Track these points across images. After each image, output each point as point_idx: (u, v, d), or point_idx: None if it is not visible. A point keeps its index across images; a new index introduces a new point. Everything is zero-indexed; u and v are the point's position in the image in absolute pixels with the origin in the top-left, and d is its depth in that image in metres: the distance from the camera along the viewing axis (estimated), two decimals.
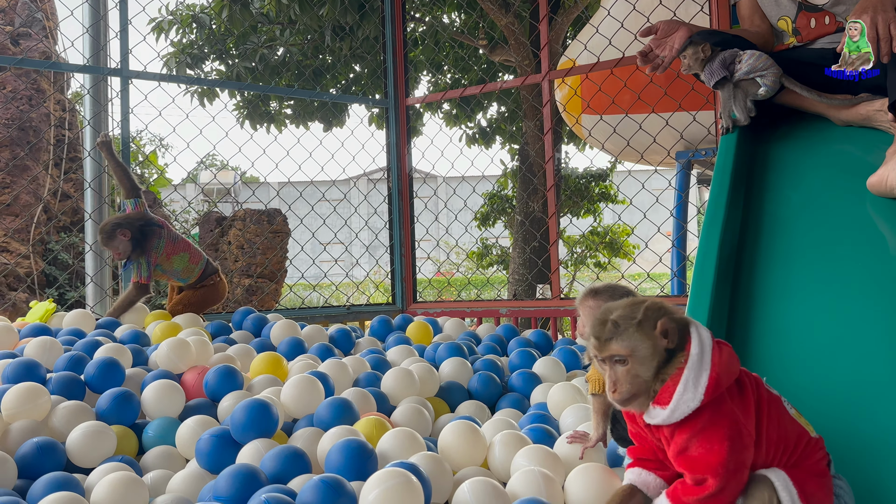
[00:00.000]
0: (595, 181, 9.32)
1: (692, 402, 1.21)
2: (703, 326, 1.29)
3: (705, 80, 2.54)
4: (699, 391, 1.21)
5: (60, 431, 1.94)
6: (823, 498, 1.26)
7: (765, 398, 1.28)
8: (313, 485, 1.40)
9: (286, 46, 7.57)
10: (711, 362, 1.23)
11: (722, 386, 1.22)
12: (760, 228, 2.43)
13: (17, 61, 3.14)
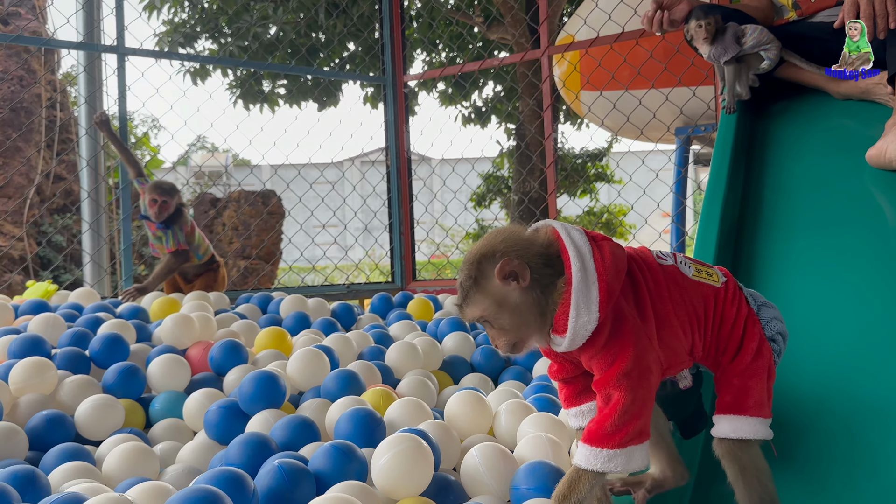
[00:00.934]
0: (591, 161, 9.32)
1: (590, 324, 1.12)
2: (574, 230, 1.18)
3: (714, 54, 2.51)
4: (593, 310, 1.11)
5: (68, 405, 1.95)
6: (762, 378, 1.25)
7: (661, 281, 1.20)
8: (325, 450, 1.42)
9: (279, 25, 7.50)
10: (597, 273, 1.13)
11: (614, 294, 1.13)
12: (761, 202, 2.44)
13: (13, 38, 3.11)
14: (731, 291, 1.26)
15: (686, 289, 1.22)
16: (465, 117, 8.89)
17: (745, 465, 1.24)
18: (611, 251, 1.15)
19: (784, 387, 1.85)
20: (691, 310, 1.21)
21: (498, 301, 1.14)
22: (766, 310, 1.29)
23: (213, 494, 1.13)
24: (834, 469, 1.66)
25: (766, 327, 1.27)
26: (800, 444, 1.73)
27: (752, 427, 1.24)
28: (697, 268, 1.26)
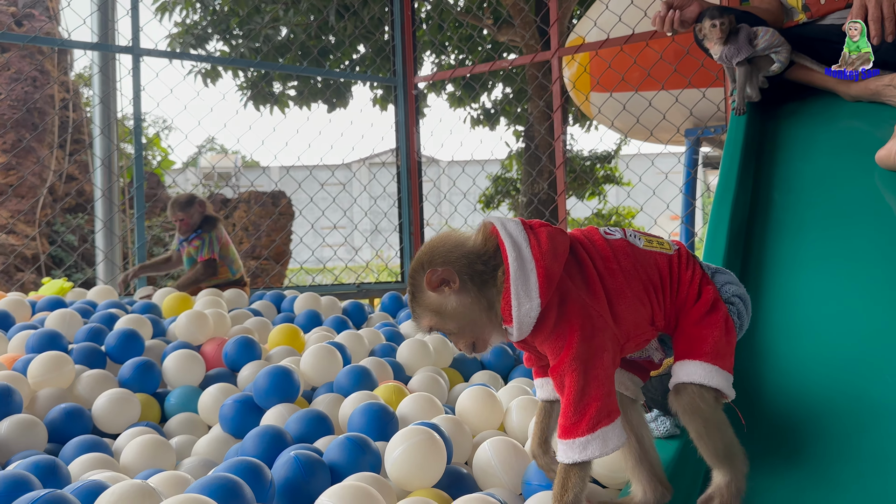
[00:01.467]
0: (600, 163, 9.33)
1: (532, 310, 1.12)
2: (510, 222, 1.19)
3: (727, 55, 2.52)
4: (533, 296, 1.11)
5: (85, 398, 1.98)
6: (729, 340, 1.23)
7: (609, 256, 1.20)
8: (339, 443, 1.44)
9: (290, 27, 7.56)
10: (534, 260, 1.13)
11: (554, 278, 1.13)
12: (770, 202, 2.45)
13: (31, 38, 3.16)
14: (685, 257, 1.26)
15: (638, 258, 1.22)
16: (473, 119, 8.91)
17: (706, 417, 1.20)
18: (548, 236, 1.16)
19: (794, 384, 1.87)
20: (645, 277, 1.21)
21: (437, 310, 1.15)
22: (720, 275, 1.29)
23: (233, 482, 1.15)
24: (845, 467, 1.67)
25: (722, 290, 1.25)
26: (811, 441, 1.74)
27: (707, 372, 1.19)
28: (648, 239, 1.26)
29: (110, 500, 1.10)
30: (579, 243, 1.21)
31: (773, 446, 1.76)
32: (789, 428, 1.79)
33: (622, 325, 1.17)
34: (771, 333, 2.05)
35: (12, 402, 1.80)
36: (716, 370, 1.20)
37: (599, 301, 1.15)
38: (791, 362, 1.95)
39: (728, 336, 1.22)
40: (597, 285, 1.16)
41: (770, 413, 1.84)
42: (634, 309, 1.18)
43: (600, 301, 1.15)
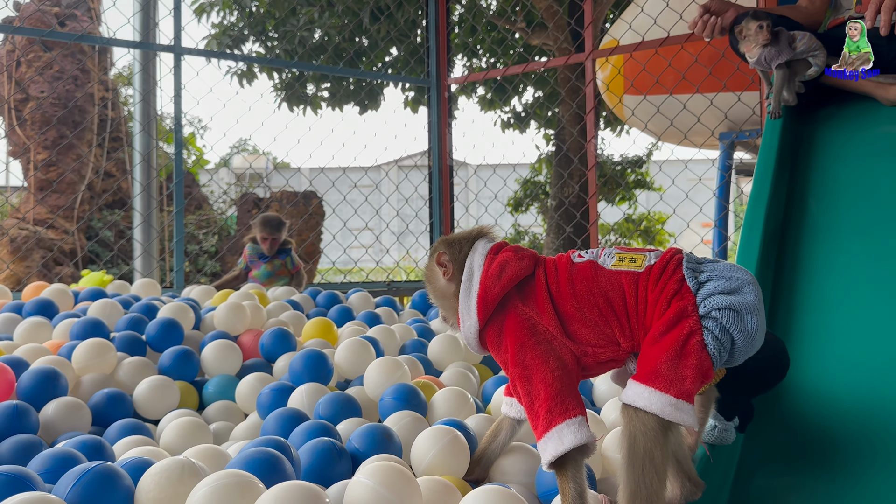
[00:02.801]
0: (631, 168, 9.29)
1: (472, 326, 1.24)
2: (483, 245, 1.30)
3: (767, 57, 2.51)
4: (472, 315, 1.23)
5: (126, 384, 2.04)
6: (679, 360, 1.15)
7: (565, 281, 1.24)
8: (363, 431, 1.47)
9: (324, 29, 7.65)
10: (479, 283, 1.23)
11: (491, 301, 1.22)
12: (805, 206, 2.44)
13: (77, 37, 3.25)
14: (657, 274, 1.21)
15: (598, 281, 1.23)
16: (504, 122, 8.93)
17: (633, 443, 1.13)
18: (500, 262, 1.25)
19: (827, 386, 1.86)
20: (603, 301, 1.21)
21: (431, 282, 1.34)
22: (713, 283, 1.19)
23: (272, 456, 1.19)
24: (880, 471, 1.66)
25: (703, 304, 1.17)
26: (843, 444, 1.73)
27: (642, 395, 1.13)
28: (622, 256, 1.25)
29: (156, 474, 1.15)
30: (544, 268, 1.27)
31: (806, 448, 1.76)
32: (821, 430, 1.79)
33: (577, 342, 1.21)
34: (805, 334, 2.05)
35: (58, 386, 1.86)
36: (650, 392, 1.13)
37: (547, 319, 1.22)
38: (825, 365, 1.94)
39: (683, 359, 1.14)
40: (546, 306, 1.22)
41: (802, 414, 1.84)
42: (588, 328, 1.21)
43: (548, 319, 1.22)
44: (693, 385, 1.13)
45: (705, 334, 1.15)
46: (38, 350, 2.11)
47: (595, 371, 1.27)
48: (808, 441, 1.78)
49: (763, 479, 1.69)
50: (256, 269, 3.81)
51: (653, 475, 1.11)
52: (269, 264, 3.85)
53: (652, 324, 1.18)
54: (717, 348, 1.15)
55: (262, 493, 1.05)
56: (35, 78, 6.85)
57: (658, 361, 1.14)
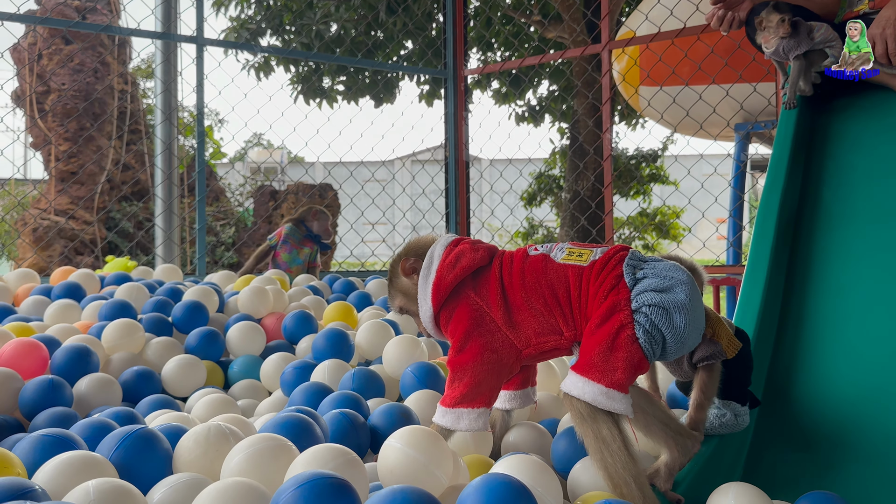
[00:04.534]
0: (646, 162, 9.29)
1: (427, 311, 1.35)
2: (445, 238, 1.41)
3: (786, 48, 2.52)
4: (428, 300, 1.34)
5: (154, 363, 2.10)
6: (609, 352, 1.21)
7: (517, 273, 1.32)
8: (384, 410, 1.53)
9: (340, 22, 7.70)
10: (436, 271, 1.35)
11: (444, 288, 1.33)
12: (820, 194, 2.47)
13: (102, 28, 3.32)
14: (599, 268, 1.27)
15: (546, 272, 1.31)
16: (518, 115, 8.95)
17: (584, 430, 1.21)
18: (456, 253, 1.36)
19: (842, 372, 1.89)
20: (549, 292, 1.29)
21: (405, 292, 1.42)
22: (648, 280, 1.25)
23: (303, 420, 1.25)
24: (891, 450, 1.69)
25: (636, 298, 1.23)
26: (858, 425, 1.76)
27: (577, 385, 1.21)
28: (571, 251, 1.34)
29: (194, 438, 1.20)
30: (500, 260, 1.37)
31: (819, 428, 1.79)
32: (834, 412, 1.82)
33: (521, 331, 1.31)
34: (819, 320, 2.08)
35: (90, 362, 1.92)
36: (584, 382, 1.20)
37: (496, 310, 1.31)
38: (839, 350, 1.97)
39: (614, 351, 1.20)
40: (497, 297, 1.32)
41: (816, 397, 1.87)
42: (533, 317, 1.30)
43: (497, 310, 1.31)
44: (624, 376, 1.20)
45: (636, 328, 1.20)
46: (69, 330, 2.18)
47: (539, 360, 1.39)
48: (821, 422, 1.81)
49: (775, 457, 1.73)
50: (287, 251, 3.88)
51: (613, 452, 1.19)
52: (301, 251, 3.91)
53: (591, 315, 1.26)
54: (648, 342, 1.21)
55: (297, 455, 1.10)
56: (56, 70, 6.95)
57: (592, 353, 1.22)
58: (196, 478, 1.07)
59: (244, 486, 0.95)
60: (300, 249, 3.93)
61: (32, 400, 1.68)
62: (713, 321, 1.52)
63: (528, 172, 9.63)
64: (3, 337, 1.97)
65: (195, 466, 1.17)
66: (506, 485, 0.96)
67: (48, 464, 1.10)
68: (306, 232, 3.98)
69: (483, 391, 1.30)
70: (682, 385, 1.68)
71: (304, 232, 3.98)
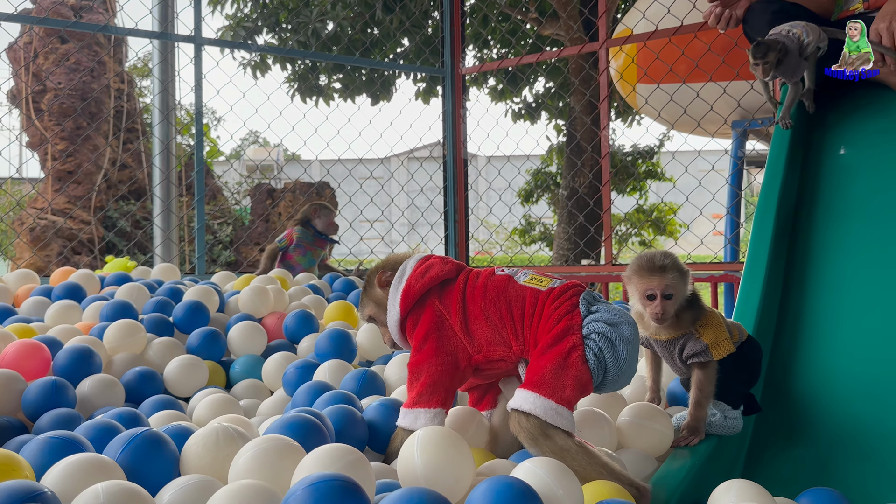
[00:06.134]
0: (642, 159, 9.30)
1: (395, 316, 1.45)
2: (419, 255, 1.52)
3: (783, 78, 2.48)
4: (396, 306, 1.45)
5: (156, 363, 2.11)
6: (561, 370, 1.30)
7: (480, 286, 1.43)
8: (377, 405, 1.55)
9: (337, 20, 7.69)
10: (406, 281, 1.45)
11: (413, 294, 1.44)
12: (818, 190, 2.48)
13: (100, 28, 3.32)
14: (557, 294, 1.39)
15: (507, 290, 1.42)
16: (515, 113, 8.95)
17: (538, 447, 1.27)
18: (426, 265, 1.47)
19: (841, 368, 1.91)
20: (505, 306, 1.40)
21: (377, 302, 1.51)
22: (599, 313, 1.36)
23: (311, 421, 1.26)
24: (889, 446, 1.71)
25: (586, 326, 1.33)
26: (857, 421, 1.78)
27: (528, 400, 1.28)
28: (533, 276, 1.46)
29: (201, 439, 1.21)
30: (465, 276, 1.48)
31: (818, 424, 1.81)
32: (833, 407, 1.84)
33: (475, 339, 1.41)
34: (818, 315, 2.09)
35: (93, 363, 1.93)
36: (535, 397, 1.28)
37: (455, 317, 1.42)
38: (837, 346, 1.99)
39: (565, 370, 1.29)
40: (457, 306, 1.42)
41: (814, 392, 1.89)
42: (485, 329, 1.40)
43: (456, 317, 1.42)
44: (572, 394, 1.29)
45: (587, 351, 1.31)
46: (70, 331, 2.19)
47: (487, 368, 1.45)
48: (821, 418, 1.83)
49: (776, 454, 1.74)
50: (301, 254, 3.86)
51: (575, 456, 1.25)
52: (314, 252, 3.91)
53: (542, 336, 1.35)
54: (595, 364, 1.31)
55: (304, 456, 1.11)
56: (52, 69, 6.94)
57: (544, 370, 1.30)
58: (205, 479, 1.08)
59: (256, 487, 0.96)
60: (314, 251, 3.91)
61: (36, 401, 1.69)
62: (705, 321, 1.54)
63: (525, 170, 9.64)
64: (4, 338, 1.97)
65: (203, 468, 1.18)
66: (511, 487, 0.97)
67: (56, 466, 1.11)
68: (314, 232, 3.96)
69: (438, 391, 1.39)
70: (684, 382, 1.69)
71: (313, 232, 3.96)
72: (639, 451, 1.51)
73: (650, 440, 1.53)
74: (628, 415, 1.57)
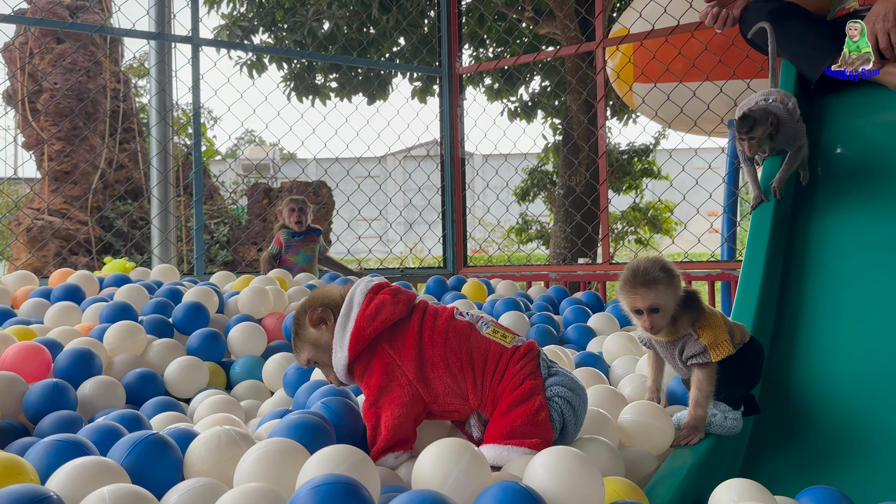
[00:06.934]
0: (638, 157, 9.31)
1: (342, 359, 1.37)
2: (363, 284, 1.44)
3: (786, 147, 2.33)
4: (344, 348, 1.37)
5: (157, 365, 2.11)
6: (532, 426, 1.34)
7: (441, 331, 1.39)
8: None
9: (333, 20, 7.69)
10: (355, 321, 1.37)
11: (363, 340, 1.36)
12: (815, 186, 2.49)
13: (97, 28, 3.31)
14: (522, 354, 1.40)
15: (470, 340, 1.39)
16: (511, 112, 8.96)
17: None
18: (377, 304, 1.38)
19: (838, 366, 1.92)
20: (467, 356, 1.38)
21: (315, 343, 1.43)
22: (557, 377, 1.40)
23: (316, 422, 1.26)
24: (887, 447, 1.72)
25: (549, 388, 1.38)
26: (855, 421, 1.79)
27: (498, 454, 1.32)
28: (495, 329, 1.44)
29: (205, 443, 1.21)
30: (421, 314, 1.42)
31: (816, 424, 1.82)
32: (831, 407, 1.85)
33: (431, 387, 1.37)
34: (815, 313, 2.10)
35: (94, 365, 1.93)
36: (507, 449, 1.32)
37: (409, 363, 1.37)
38: (834, 344, 2.00)
39: (535, 427, 1.33)
40: (412, 351, 1.37)
41: (812, 392, 1.90)
42: (445, 378, 1.37)
43: (410, 364, 1.37)
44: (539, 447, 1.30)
45: (552, 411, 1.36)
46: (70, 332, 2.19)
47: (439, 417, 1.46)
48: (819, 416, 1.84)
49: (774, 452, 1.75)
50: (294, 254, 3.86)
51: None
52: (307, 248, 3.88)
53: (503, 394, 1.37)
54: (557, 422, 1.36)
55: (308, 457, 1.11)
56: (48, 70, 6.92)
57: (513, 425, 1.33)
58: (210, 482, 1.08)
59: (262, 490, 0.97)
60: (306, 247, 3.91)
61: (37, 404, 1.69)
62: (704, 323, 1.56)
63: (521, 168, 9.65)
64: (5, 340, 1.97)
65: (206, 471, 1.18)
66: (518, 491, 0.98)
67: (61, 470, 1.11)
68: (294, 231, 3.97)
69: (399, 439, 1.36)
70: (685, 382, 1.70)
71: (293, 231, 3.97)
72: (640, 450, 1.51)
73: (651, 439, 1.54)
74: (630, 413, 1.58)
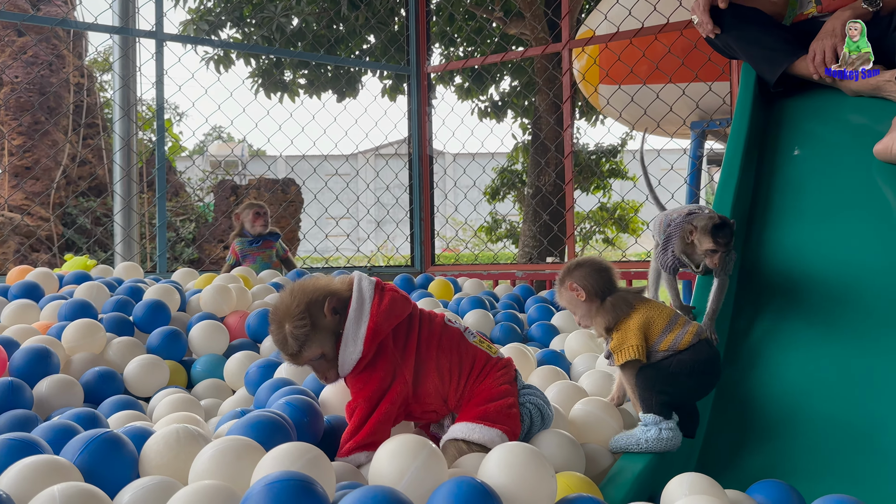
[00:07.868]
0: (605, 157, 9.42)
1: (354, 354, 1.35)
2: (366, 279, 1.42)
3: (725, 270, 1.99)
4: (359, 344, 1.35)
5: (116, 363, 2.09)
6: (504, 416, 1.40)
7: (437, 332, 1.44)
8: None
9: (302, 16, 7.64)
10: (370, 315, 1.36)
11: (381, 334, 1.36)
12: (772, 190, 2.55)
13: (58, 22, 3.25)
14: (503, 364, 1.47)
15: (460, 346, 1.45)
16: (481, 111, 8.99)
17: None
18: (390, 300, 1.39)
19: (794, 368, 1.97)
20: (456, 359, 1.43)
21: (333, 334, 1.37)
22: (529, 390, 1.49)
23: (275, 420, 1.26)
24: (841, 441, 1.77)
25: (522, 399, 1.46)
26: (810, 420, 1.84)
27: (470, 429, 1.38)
28: (480, 339, 1.50)
29: (160, 440, 1.21)
30: (419, 315, 1.45)
31: (773, 424, 1.86)
32: (788, 407, 1.89)
33: (419, 387, 1.41)
34: (771, 315, 2.15)
35: (51, 364, 1.91)
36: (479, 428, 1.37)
37: (408, 360, 1.39)
38: (790, 344, 2.05)
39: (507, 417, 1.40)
40: (412, 349, 1.40)
41: (768, 391, 1.94)
42: (434, 379, 1.41)
43: (409, 361, 1.40)
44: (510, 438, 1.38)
45: (522, 411, 1.43)
46: (28, 331, 2.15)
47: (417, 418, 1.49)
48: (773, 412, 1.88)
49: (730, 447, 1.80)
50: (251, 262, 3.71)
51: None
52: (264, 255, 3.76)
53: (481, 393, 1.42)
54: (525, 423, 1.44)
55: (263, 455, 1.11)
56: (8, 62, 6.77)
57: (487, 411, 1.39)
58: (165, 480, 1.08)
59: (216, 488, 0.97)
60: (262, 254, 3.77)
61: None
62: (620, 326, 1.56)
63: (490, 168, 9.69)
64: None
65: (162, 469, 1.18)
66: (472, 486, 0.99)
67: (12, 468, 1.10)
68: (252, 238, 3.82)
69: (377, 436, 1.36)
70: None
71: (251, 238, 3.81)
72: (596, 445, 1.54)
73: (605, 435, 1.56)
74: (583, 408, 1.61)
